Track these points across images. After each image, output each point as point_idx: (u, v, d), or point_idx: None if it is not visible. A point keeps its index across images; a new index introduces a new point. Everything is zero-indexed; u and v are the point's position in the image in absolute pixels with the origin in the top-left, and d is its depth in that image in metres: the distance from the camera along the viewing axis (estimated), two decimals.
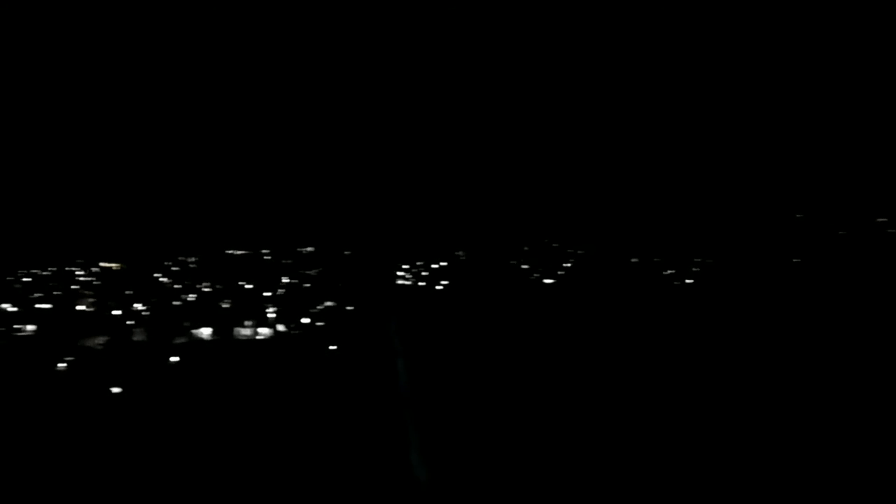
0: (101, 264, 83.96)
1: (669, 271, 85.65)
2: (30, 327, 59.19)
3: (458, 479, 28.57)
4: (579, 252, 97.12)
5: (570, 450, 32.59)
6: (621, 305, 69.07)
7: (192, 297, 76.55)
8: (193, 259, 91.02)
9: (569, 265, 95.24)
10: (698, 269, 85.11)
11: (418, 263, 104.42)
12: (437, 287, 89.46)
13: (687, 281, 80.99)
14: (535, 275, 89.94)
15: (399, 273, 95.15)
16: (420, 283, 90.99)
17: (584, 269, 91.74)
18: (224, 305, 72.05)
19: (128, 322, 63.08)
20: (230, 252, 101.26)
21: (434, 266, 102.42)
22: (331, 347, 59.01)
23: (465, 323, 66.09)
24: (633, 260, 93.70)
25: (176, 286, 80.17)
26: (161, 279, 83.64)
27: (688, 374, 45.49)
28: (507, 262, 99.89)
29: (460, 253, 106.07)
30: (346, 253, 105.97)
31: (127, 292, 74.83)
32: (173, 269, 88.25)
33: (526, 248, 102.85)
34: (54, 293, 71.36)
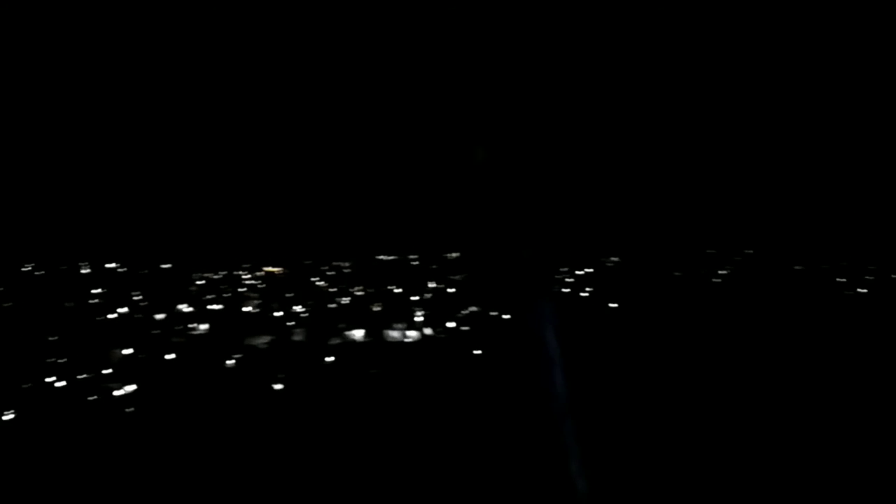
0: (266, 269, 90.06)
1: (840, 279, 78.47)
2: (203, 326, 64.29)
3: (619, 491, 27.49)
4: (737, 258, 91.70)
5: (735, 463, 30.51)
6: (790, 314, 64.13)
7: (345, 300, 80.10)
8: (347, 264, 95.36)
9: (727, 272, 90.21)
10: (872, 278, 77.28)
11: (563, 269, 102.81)
12: (585, 293, 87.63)
13: (861, 290, 73.89)
14: (692, 281, 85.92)
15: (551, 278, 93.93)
16: (571, 290, 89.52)
17: (744, 276, 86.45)
18: (375, 309, 74.70)
19: (288, 323, 66.99)
20: (380, 257, 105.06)
21: (580, 272, 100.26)
22: (476, 352, 59.33)
23: (619, 330, 64.19)
24: (797, 267, 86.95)
25: (331, 290, 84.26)
26: (318, 283, 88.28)
27: (870, 383, 41.18)
28: (660, 267, 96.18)
29: (613, 258, 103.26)
30: (492, 258, 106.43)
31: (288, 295, 79.61)
32: (329, 273, 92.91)
33: (681, 254, 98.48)
34: (224, 295, 77.26)
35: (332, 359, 55.50)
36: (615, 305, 73.55)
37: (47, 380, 46.82)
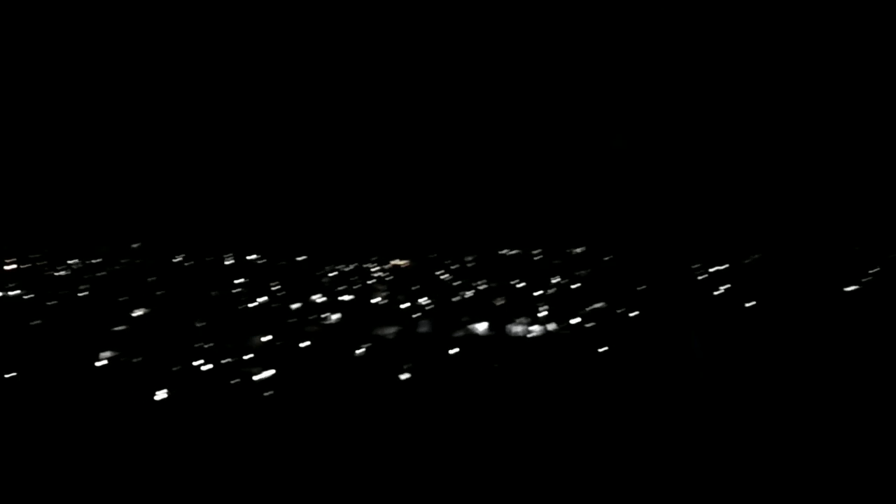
0: (393, 262, 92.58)
1: None
2: (334, 316, 66.93)
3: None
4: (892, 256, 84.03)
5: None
6: None
7: (469, 293, 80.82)
8: (471, 258, 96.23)
9: (877, 270, 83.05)
10: None
11: (695, 266, 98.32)
12: (719, 291, 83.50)
13: None
14: (836, 280, 79.82)
15: (685, 276, 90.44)
16: (709, 289, 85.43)
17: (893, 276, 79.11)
18: (498, 303, 74.85)
19: (414, 315, 68.46)
20: (503, 252, 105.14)
21: (713, 269, 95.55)
22: (601, 349, 58.03)
23: (761, 329, 60.86)
24: None
25: (455, 283, 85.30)
26: (442, 276, 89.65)
27: None
28: (803, 266, 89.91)
29: (754, 256, 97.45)
30: (618, 254, 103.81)
31: (413, 287, 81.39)
32: (453, 267, 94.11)
33: (824, 252, 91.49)
34: (354, 287, 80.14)
35: (455, 351, 56.20)
36: (761, 304, 69.67)
37: (195, 363, 50.49)
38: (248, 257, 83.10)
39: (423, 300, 74.98)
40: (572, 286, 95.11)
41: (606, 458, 34.91)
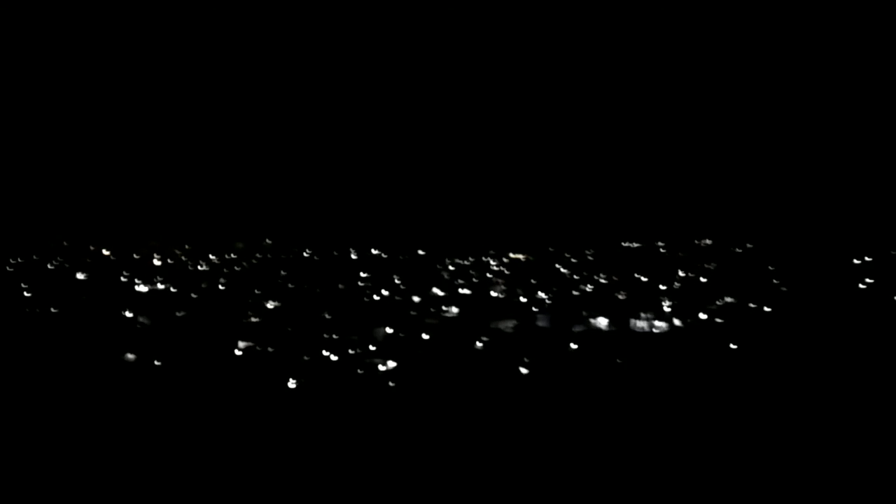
0: (511, 255, 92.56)
1: None
2: (454, 309, 67.68)
3: None
4: None
5: None
6: None
7: (589, 287, 79.47)
8: (591, 251, 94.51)
9: None
10: None
11: (838, 257, 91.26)
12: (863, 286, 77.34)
13: None
14: None
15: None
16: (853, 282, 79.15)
17: None
18: (620, 297, 73.08)
19: (533, 309, 68.10)
20: (626, 244, 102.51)
21: (858, 260, 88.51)
22: (731, 346, 55.30)
23: None
24: None
25: (575, 277, 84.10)
26: (562, 270, 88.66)
27: None
28: None
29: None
30: (748, 246, 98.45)
31: (532, 281, 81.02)
32: (573, 260, 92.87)
33: None
34: (473, 280, 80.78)
35: (575, 346, 55.37)
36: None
37: (324, 353, 52.65)
38: (372, 252, 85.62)
39: (541, 294, 74.48)
40: (701, 280, 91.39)
41: (736, 459, 33.37)
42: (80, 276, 69.50)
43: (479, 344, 58.20)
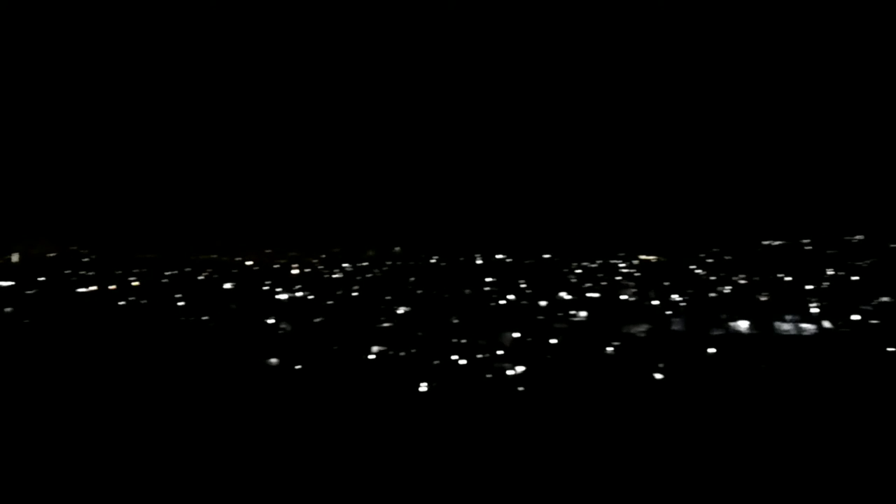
0: (642, 257, 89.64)
1: None
2: (582, 313, 66.47)
3: None
4: None
5: None
6: None
7: (727, 288, 75.40)
8: (729, 251, 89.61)
9: None
10: None
11: None
12: None
13: None
14: None
15: None
16: None
17: None
18: (762, 298, 68.86)
19: (666, 312, 65.60)
20: (767, 243, 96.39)
21: None
22: (889, 350, 50.79)
23: None
24: None
25: (712, 278, 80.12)
26: (697, 271, 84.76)
27: None
28: None
29: None
30: None
31: (665, 283, 77.99)
32: (709, 261, 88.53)
33: None
34: (601, 283, 78.95)
35: (713, 351, 52.80)
36: None
37: (453, 357, 53.35)
38: (497, 256, 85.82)
39: (675, 296, 71.57)
40: (852, 278, 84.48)
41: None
42: (227, 285, 74.46)
43: (609, 349, 56.89)
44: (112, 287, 68.92)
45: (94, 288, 68.41)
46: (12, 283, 65.74)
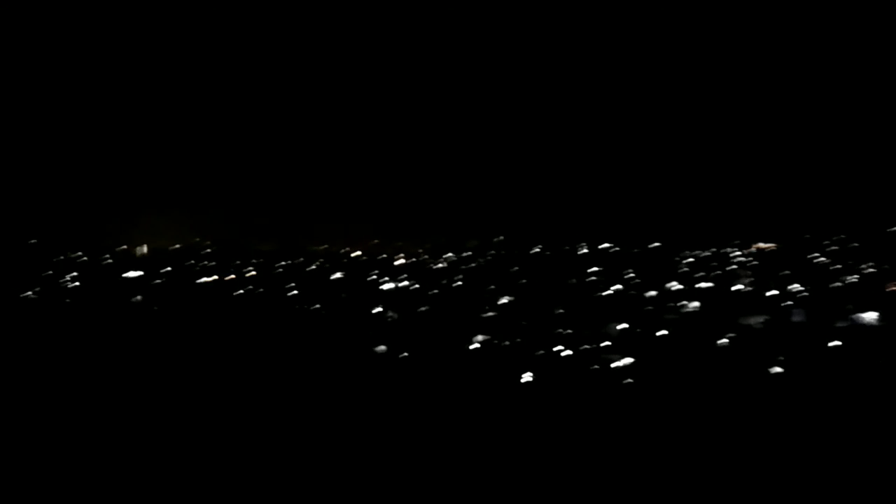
0: (757, 245, 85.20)
1: None
2: (693, 304, 64.16)
3: None
4: None
5: None
6: None
7: (853, 278, 70.54)
8: (854, 238, 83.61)
9: None
10: None
11: None
12: None
13: None
14: None
15: None
16: None
17: None
18: (892, 288, 63.99)
19: (785, 303, 62.21)
20: (894, 229, 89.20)
21: None
22: None
23: None
24: None
25: (834, 267, 75.17)
26: (817, 259, 79.70)
27: None
28: None
29: None
30: None
31: (783, 272, 73.87)
32: (831, 248, 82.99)
33: None
34: (714, 273, 75.76)
35: (837, 343, 49.67)
36: None
37: (556, 348, 52.91)
38: (602, 245, 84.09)
39: (793, 286, 67.69)
40: None
41: None
42: (336, 275, 76.91)
43: (723, 340, 54.70)
44: (230, 277, 72.75)
45: (214, 278, 72.44)
46: (141, 273, 70.60)
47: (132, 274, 69.68)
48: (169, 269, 73.19)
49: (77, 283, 66.83)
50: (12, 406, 41.01)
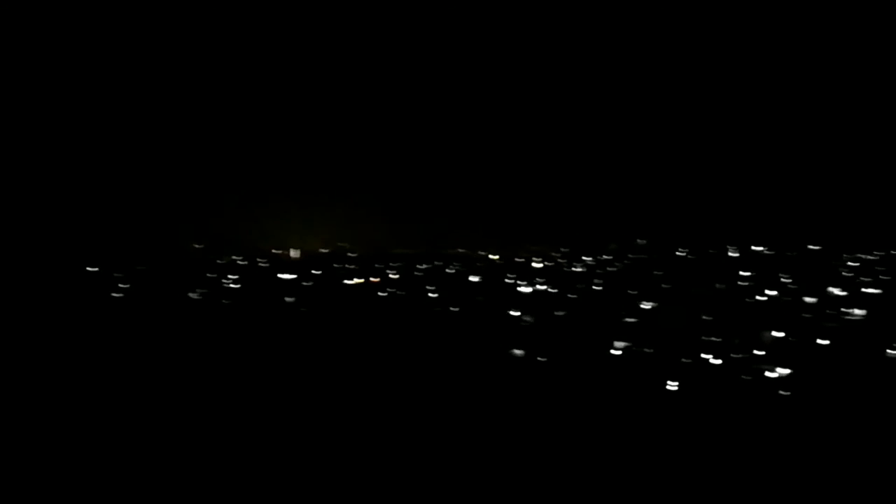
0: None
1: None
2: (857, 312, 59.26)
3: None
4: None
5: None
6: None
7: None
8: None
9: None
10: None
11: None
12: None
13: None
14: None
15: None
16: None
17: None
18: None
19: None
20: None
21: None
22: None
23: None
24: None
25: None
26: None
27: None
28: None
29: None
30: None
31: None
32: None
33: None
34: (881, 278, 69.49)
35: None
36: None
37: (703, 356, 50.61)
38: (753, 248, 79.51)
39: None
40: None
41: None
42: (473, 278, 77.73)
43: (891, 352, 50.03)
44: (374, 279, 75.52)
45: (358, 280, 75.53)
46: (293, 276, 74.88)
47: (285, 276, 74.16)
48: (318, 271, 77.14)
49: (237, 286, 72.02)
50: (180, 395, 44.80)
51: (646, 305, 66.50)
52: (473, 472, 34.44)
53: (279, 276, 74.42)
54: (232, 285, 71.85)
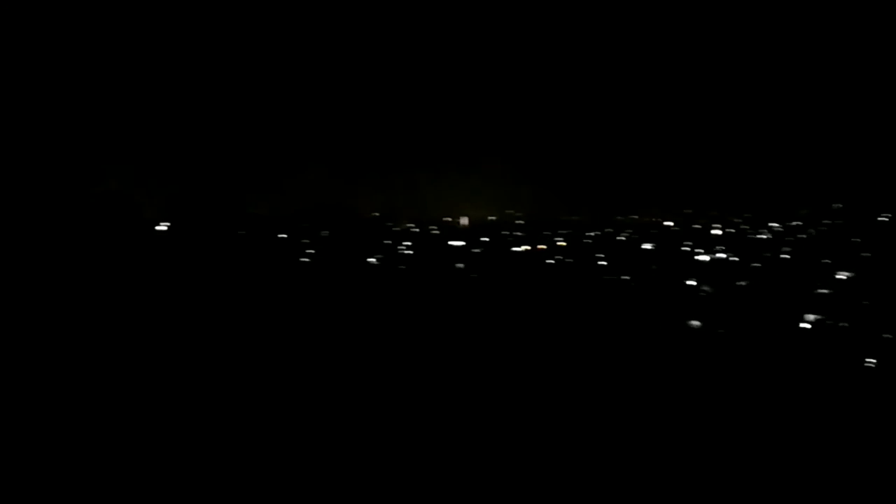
0: None
1: None
2: None
3: None
4: None
5: None
6: None
7: None
8: None
9: None
10: None
11: None
12: None
13: None
14: None
15: None
16: None
17: None
18: None
19: None
20: None
21: None
22: None
23: None
24: None
25: None
26: None
27: None
28: None
29: None
30: None
31: None
32: None
33: None
34: None
35: None
36: None
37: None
38: None
39: None
40: None
41: None
42: (646, 246, 75.11)
43: None
44: (541, 247, 75.31)
45: (526, 248, 75.69)
46: (463, 243, 76.61)
47: (455, 243, 76.12)
48: (486, 238, 78.36)
49: (410, 252, 75.04)
50: (349, 353, 47.51)
51: (841, 276, 60.96)
52: (652, 448, 33.53)
53: (449, 243, 76.56)
54: (405, 252, 75.04)
